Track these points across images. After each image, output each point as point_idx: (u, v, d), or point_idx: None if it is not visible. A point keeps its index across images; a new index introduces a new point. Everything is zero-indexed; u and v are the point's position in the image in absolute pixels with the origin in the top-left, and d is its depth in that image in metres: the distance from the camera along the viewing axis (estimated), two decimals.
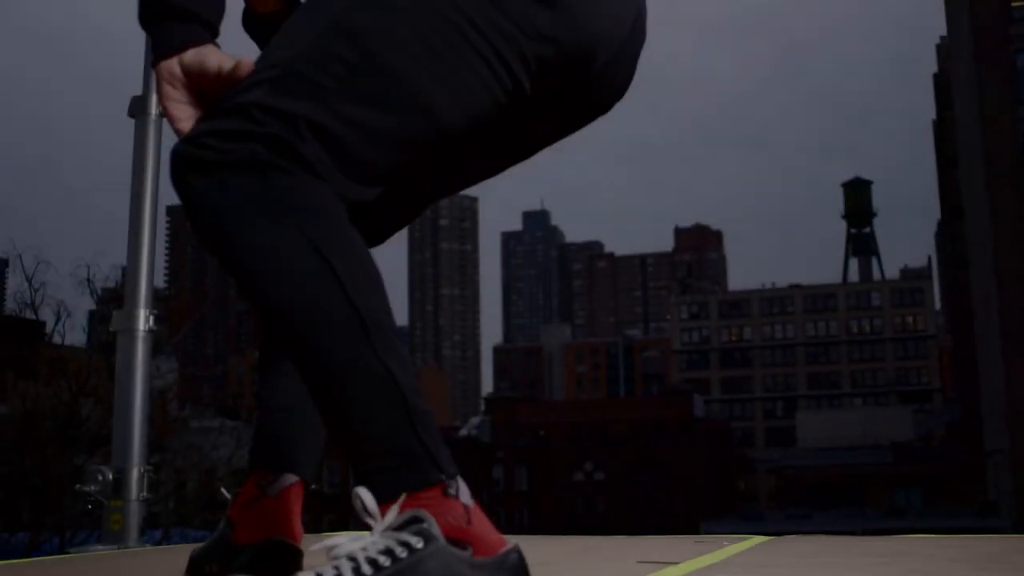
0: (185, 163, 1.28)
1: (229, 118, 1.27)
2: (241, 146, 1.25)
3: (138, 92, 4.03)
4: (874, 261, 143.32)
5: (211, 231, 1.27)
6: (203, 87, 1.36)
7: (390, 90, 1.29)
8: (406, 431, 1.23)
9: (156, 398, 29.49)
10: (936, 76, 71.39)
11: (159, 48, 1.37)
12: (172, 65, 1.35)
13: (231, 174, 1.25)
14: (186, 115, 1.36)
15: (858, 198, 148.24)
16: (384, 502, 1.21)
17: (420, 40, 1.30)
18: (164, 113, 1.38)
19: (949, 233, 67.35)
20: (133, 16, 1.41)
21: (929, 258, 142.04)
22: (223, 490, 2.14)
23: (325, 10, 1.34)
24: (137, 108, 4.03)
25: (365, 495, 1.21)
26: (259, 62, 1.34)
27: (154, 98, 3.97)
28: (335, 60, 1.29)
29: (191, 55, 1.34)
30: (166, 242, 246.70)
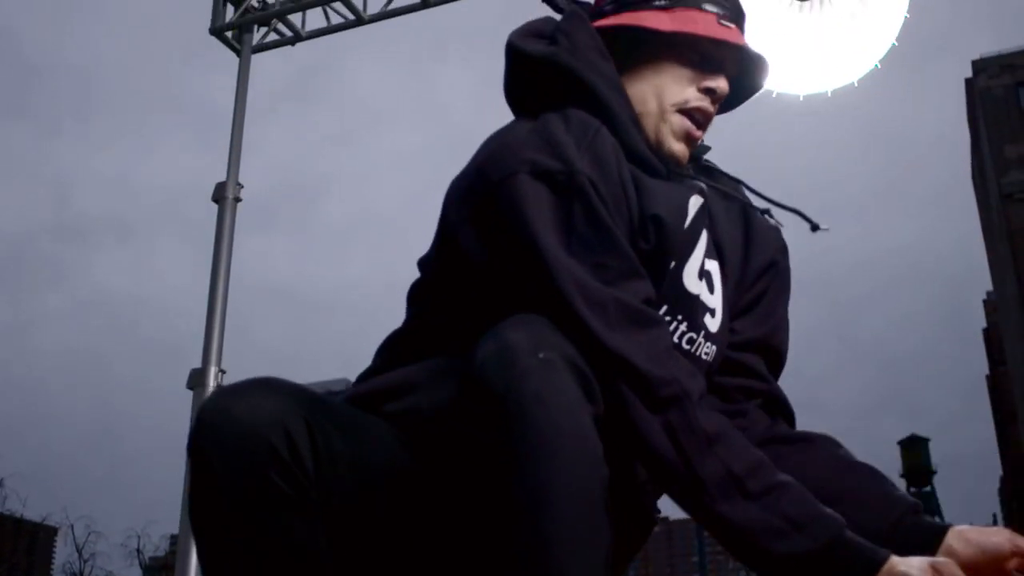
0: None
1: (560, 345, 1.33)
2: (574, 388, 1.28)
3: (197, 365, 4.14)
4: (937, 521, 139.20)
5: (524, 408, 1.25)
6: None
7: None
8: None
9: None
10: (985, 331, 71.37)
11: None
12: None
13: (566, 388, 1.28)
14: None
15: (916, 456, 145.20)
16: None
17: None
18: None
19: (1013, 490, 65.53)
20: (195, 290, 1.41)
21: (994, 516, 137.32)
22: None
23: None
24: (196, 381, 4.13)
25: None
26: None
27: (212, 371, 4.07)
28: None
29: None
30: None
